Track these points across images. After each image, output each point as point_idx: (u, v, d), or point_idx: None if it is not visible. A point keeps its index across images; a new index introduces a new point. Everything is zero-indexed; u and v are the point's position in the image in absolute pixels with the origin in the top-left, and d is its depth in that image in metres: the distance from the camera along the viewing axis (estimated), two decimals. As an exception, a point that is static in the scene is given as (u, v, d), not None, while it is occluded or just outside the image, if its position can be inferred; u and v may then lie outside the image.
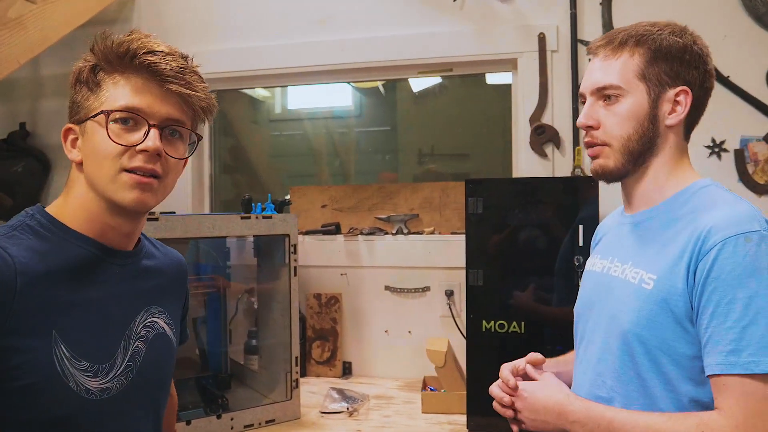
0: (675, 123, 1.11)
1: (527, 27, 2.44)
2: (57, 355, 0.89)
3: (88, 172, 0.96)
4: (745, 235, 0.97)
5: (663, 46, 1.10)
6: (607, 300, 1.15)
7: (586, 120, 1.14)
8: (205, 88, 1.00)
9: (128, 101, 0.94)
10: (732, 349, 0.95)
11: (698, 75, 1.11)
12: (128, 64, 0.94)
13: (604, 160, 1.14)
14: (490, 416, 1.97)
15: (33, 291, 0.88)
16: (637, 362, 1.06)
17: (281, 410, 2.07)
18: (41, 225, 0.95)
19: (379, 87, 3.03)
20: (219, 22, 2.73)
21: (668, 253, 1.05)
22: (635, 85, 1.10)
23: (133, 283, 1.03)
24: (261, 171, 3.24)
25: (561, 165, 2.41)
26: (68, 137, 0.98)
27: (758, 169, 2.29)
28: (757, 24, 2.28)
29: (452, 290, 2.49)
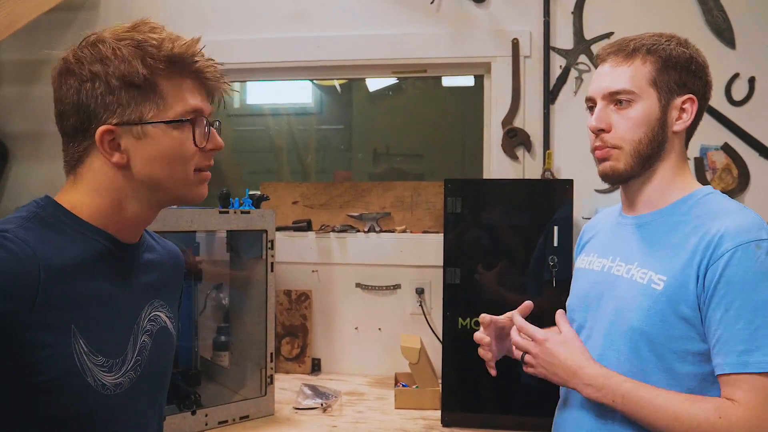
0: (681, 129, 1.17)
1: (501, 32, 2.50)
2: (76, 350, 0.88)
3: (147, 174, 0.95)
4: (756, 242, 1.03)
5: (672, 56, 1.15)
6: (610, 298, 1.19)
7: (598, 123, 1.18)
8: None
9: (195, 103, 0.96)
10: (743, 350, 1.01)
11: (701, 85, 1.17)
12: (186, 67, 0.95)
13: (615, 162, 1.18)
14: (464, 412, 2.04)
15: (54, 285, 0.86)
16: (643, 358, 1.11)
17: (255, 406, 2.06)
18: (54, 217, 0.92)
19: (335, 85, 3.04)
20: (189, 12, 2.69)
21: (678, 256, 1.10)
22: (647, 92, 1.15)
23: (139, 276, 1.02)
24: (221, 167, 3.21)
25: (531, 168, 2.48)
26: (105, 139, 0.93)
27: (716, 177, 2.41)
28: (717, 39, 2.40)
29: (423, 288, 2.53)
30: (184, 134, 0.96)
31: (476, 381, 2.06)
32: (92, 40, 0.94)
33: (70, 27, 2.72)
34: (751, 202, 2.37)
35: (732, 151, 2.39)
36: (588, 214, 2.37)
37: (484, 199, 2.09)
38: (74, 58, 0.93)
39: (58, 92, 0.94)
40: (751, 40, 2.38)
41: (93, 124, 0.92)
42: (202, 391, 2.14)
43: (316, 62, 2.64)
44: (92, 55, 0.92)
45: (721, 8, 2.38)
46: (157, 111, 0.94)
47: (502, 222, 2.06)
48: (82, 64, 0.92)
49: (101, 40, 0.93)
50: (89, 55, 0.92)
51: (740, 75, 2.38)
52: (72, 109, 0.93)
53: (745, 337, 1.01)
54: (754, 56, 2.38)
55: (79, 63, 0.92)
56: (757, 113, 2.38)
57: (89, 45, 0.93)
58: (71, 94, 0.92)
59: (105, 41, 0.93)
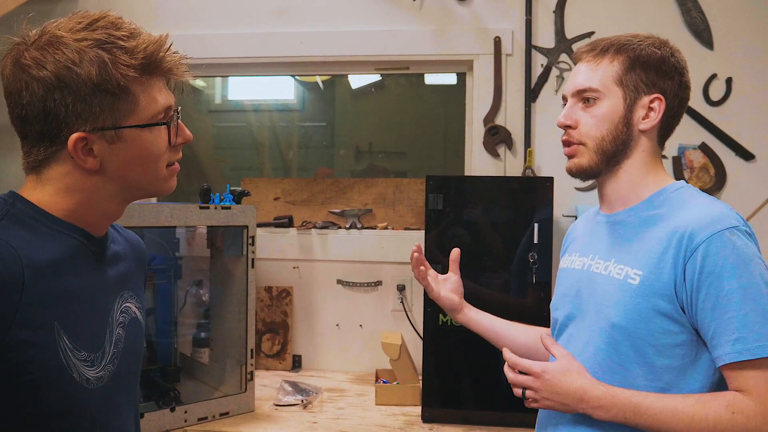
0: (648, 128, 1.18)
1: (484, 30, 2.51)
2: (61, 346, 0.87)
3: (122, 176, 0.94)
4: (729, 230, 1.05)
5: (641, 56, 1.17)
6: (591, 296, 1.21)
7: (564, 119, 1.22)
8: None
9: (165, 101, 0.95)
10: (738, 338, 1.02)
11: (673, 85, 1.18)
12: (157, 69, 0.94)
13: (579, 158, 1.21)
14: (444, 408, 2.05)
15: (37, 283, 0.85)
16: (622, 353, 1.12)
17: (235, 403, 2.05)
18: (26, 214, 0.90)
19: (318, 82, 3.04)
20: (169, 6, 2.67)
21: (652, 250, 1.11)
22: (612, 90, 1.17)
23: (107, 269, 1.01)
24: (202, 163, 3.18)
25: (512, 165, 2.49)
26: (79, 146, 0.89)
27: (693, 176, 2.44)
28: (695, 39, 2.43)
29: (404, 285, 2.53)
30: (156, 134, 0.95)
31: (457, 377, 2.07)
32: (49, 40, 0.88)
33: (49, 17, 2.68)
34: (728, 201, 2.38)
35: (709, 150, 2.42)
36: (568, 211, 2.40)
37: (465, 196, 2.09)
38: (32, 60, 0.87)
39: (15, 96, 0.89)
40: (729, 41, 2.42)
41: (63, 131, 0.89)
42: (182, 388, 2.13)
43: (298, 58, 2.63)
44: (55, 58, 0.86)
45: (700, 9, 2.42)
46: (130, 115, 0.92)
47: (483, 219, 2.07)
48: (43, 68, 0.86)
49: (60, 40, 0.87)
50: (51, 58, 0.86)
51: (718, 75, 2.42)
52: (37, 116, 0.88)
53: (737, 324, 1.02)
54: (732, 57, 2.42)
55: (40, 66, 0.86)
56: (734, 113, 2.42)
57: (47, 45, 0.88)
58: (36, 101, 0.87)
59: (65, 42, 0.87)
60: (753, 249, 1.06)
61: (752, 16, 2.41)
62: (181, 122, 0.99)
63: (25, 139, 0.92)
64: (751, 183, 2.41)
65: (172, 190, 1.03)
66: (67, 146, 0.89)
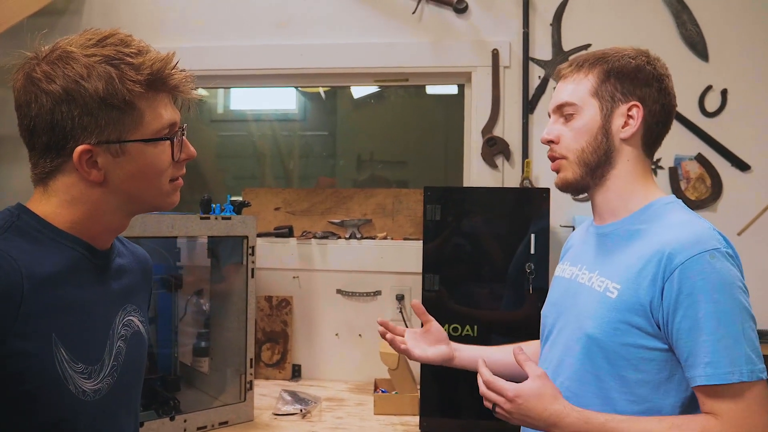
0: (628, 136, 1.19)
1: (482, 42, 2.54)
2: (58, 358, 0.88)
3: (125, 189, 0.96)
4: (709, 252, 1.05)
5: (615, 67, 1.19)
6: (573, 305, 1.22)
7: (547, 135, 1.25)
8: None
9: (170, 117, 0.98)
10: (710, 361, 1.03)
11: (651, 92, 1.19)
12: (163, 86, 0.96)
13: (564, 173, 1.23)
14: (442, 417, 2.06)
15: (36, 294, 0.86)
16: (597, 365, 1.13)
17: (234, 412, 2.07)
18: (30, 226, 0.92)
19: (320, 92, 3.07)
20: (172, 19, 2.71)
21: (633, 266, 1.12)
22: (589, 102, 1.20)
23: (111, 282, 1.03)
24: (204, 172, 3.21)
25: (510, 176, 2.51)
26: (83, 159, 0.92)
27: (690, 186, 2.46)
28: (691, 51, 2.46)
29: (403, 295, 2.55)
30: (160, 149, 0.97)
31: (455, 387, 2.08)
32: (59, 55, 0.91)
33: (53, 31, 2.70)
34: (724, 211, 2.43)
35: (705, 161, 2.44)
36: (565, 222, 2.42)
37: (463, 207, 2.12)
38: (42, 74, 0.90)
39: (25, 108, 0.91)
40: (724, 53, 2.44)
41: (69, 143, 0.91)
42: (182, 397, 2.15)
43: (299, 70, 2.66)
44: (65, 72, 0.89)
45: (695, 22, 2.44)
46: (135, 129, 0.94)
47: (480, 229, 2.09)
48: (53, 82, 0.89)
49: (70, 55, 0.90)
50: (61, 73, 0.89)
51: (713, 87, 2.44)
52: (45, 128, 0.91)
53: (710, 348, 1.03)
54: (727, 69, 2.44)
55: (50, 80, 0.89)
56: (729, 124, 2.44)
57: (58, 60, 0.90)
58: (44, 113, 0.90)
59: (75, 57, 0.90)
60: (733, 272, 1.06)
61: (746, 29, 2.44)
62: (185, 139, 1.02)
63: (32, 150, 0.95)
64: (747, 193, 2.43)
65: (174, 205, 1.04)
66: (72, 158, 0.91)
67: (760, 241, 2.41)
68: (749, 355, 1.03)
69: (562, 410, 1.10)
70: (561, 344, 1.23)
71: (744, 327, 1.04)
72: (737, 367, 1.02)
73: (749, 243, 2.39)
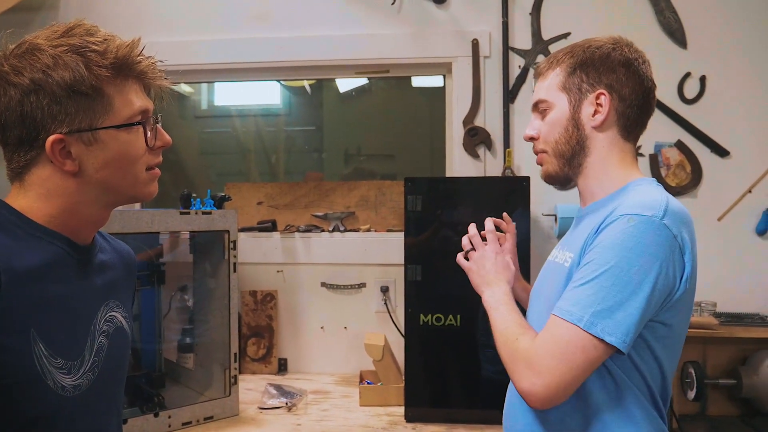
0: (598, 124, 1.21)
1: (462, 33, 2.54)
2: (36, 353, 0.88)
3: (100, 178, 0.95)
4: (630, 216, 1.08)
5: (581, 59, 1.22)
6: (547, 284, 1.27)
7: (528, 132, 1.30)
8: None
9: (141, 104, 0.97)
10: (564, 297, 1.10)
11: (618, 77, 1.20)
12: (130, 71, 0.96)
13: (546, 166, 1.28)
14: (427, 407, 2.07)
15: (14, 289, 0.86)
16: None
17: (219, 407, 2.07)
18: (8, 221, 0.92)
19: (305, 86, 3.06)
20: (151, 13, 2.68)
21: (585, 234, 1.16)
22: (558, 97, 1.24)
23: (93, 277, 1.02)
24: (188, 168, 3.19)
25: (492, 166, 2.52)
26: (56, 149, 0.92)
27: (670, 173, 2.48)
28: (669, 39, 2.47)
29: (387, 286, 2.55)
30: (133, 136, 0.97)
31: (439, 376, 2.09)
32: (27, 48, 0.91)
33: (30, 27, 2.67)
34: (704, 197, 2.45)
35: (685, 147, 2.46)
36: (547, 210, 2.43)
37: (444, 197, 2.12)
38: (10, 67, 0.90)
39: None
40: (702, 40, 2.46)
41: (41, 134, 0.91)
42: (167, 393, 2.14)
43: (279, 63, 2.65)
44: (31, 64, 0.90)
45: (673, 9, 2.46)
46: (106, 116, 0.94)
47: (462, 219, 2.08)
48: (20, 74, 0.90)
49: (37, 47, 0.91)
50: (27, 64, 0.90)
51: (692, 74, 2.46)
52: (15, 121, 0.91)
53: (571, 288, 1.09)
54: (705, 56, 2.46)
55: (17, 73, 0.90)
56: (708, 111, 2.46)
57: (25, 53, 0.91)
58: (13, 106, 0.90)
59: (41, 49, 0.90)
60: (649, 240, 1.05)
61: (724, 16, 2.45)
62: (159, 127, 1.01)
63: (6, 146, 0.94)
64: (726, 179, 2.45)
65: (153, 195, 1.04)
66: (45, 150, 0.91)
67: (740, 224, 2.43)
68: (608, 311, 1.03)
69: (505, 284, 1.31)
70: (537, 321, 1.24)
71: (622, 289, 1.04)
72: (579, 312, 1.05)
73: (729, 228, 2.42)
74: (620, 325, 1.03)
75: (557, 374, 1.05)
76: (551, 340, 1.07)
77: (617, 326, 1.03)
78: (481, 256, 1.36)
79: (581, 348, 1.04)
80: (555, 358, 1.05)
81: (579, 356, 1.04)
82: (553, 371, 1.05)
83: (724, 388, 2.26)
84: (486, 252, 1.36)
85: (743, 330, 2.22)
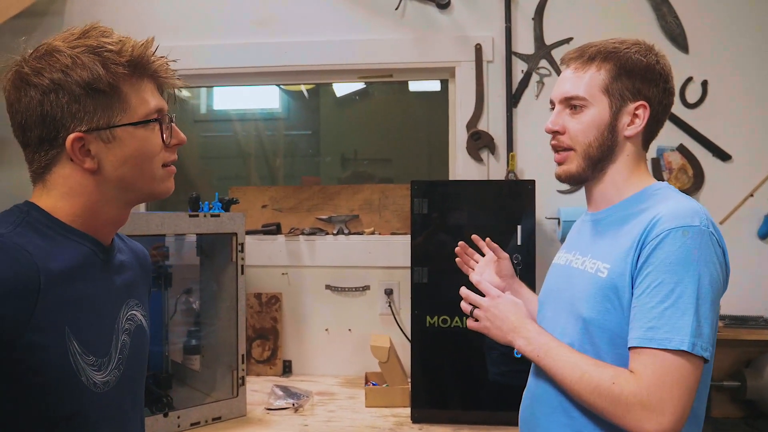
0: (632, 134, 1.22)
1: (465, 38, 2.56)
2: (71, 350, 0.90)
3: (119, 176, 0.98)
4: (683, 228, 1.08)
5: (627, 64, 1.20)
6: (567, 290, 1.26)
7: (552, 125, 1.26)
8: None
9: (156, 102, 1.00)
10: (650, 326, 1.06)
11: (658, 92, 1.21)
12: (145, 69, 0.99)
13: (568, 165, 1.25)
14: (433, 408, 2.08)
15: (52, 289, 0.89)
16: (596, 345, 1.16)
17: (227, 408, 2.08)
18: (40, 222, 0.94)
19: (303, 90, 3.08)
20: (154, 18, 2.70)
21: (621, 245, 1.16)
22: (599, 98, 1.21)
23: (114, 277, 1.05)
24: (189, 173, 3.21)
25: (495, 169, 2.54)
26: (76, 147, 0.94)
27: (672, 177, 2.50)
28: (671, 43, 2.49)
29: (392, 289, 2.57)
30: (149, 133, 0.99)
31: (444, 378, 2.11)
32: (46, 50, 0.94)
33: (35, 32, 2.71)
34: (706, 201, 2.47)
35: (687, 151, 2.49)
36: (550, 214, 2.45)
37: (449, 201, 2.14)
38: (30, 69, 0.93)
39: (16, 104, 0.95)
40: (704, 45, 2.49)
41: (60, 133, 0.94)
42: (174, 395, 2.15)
43: (282, 67, 2.67)
44: (50, 65, 0.93)
45: (675, 14, 2.48)
46: (123, 114, 0.96)
47: (468, 222, 2.11)
48: (40, 75, 0.93)
49: (55, 49, 0.94)
50: (47, 65, 0.93)
51: (693, 78, 2.48)
52: (36, 121, 0.94)
53: (655, 314, 1.07)
54: (707, 60, 2.48)
55: (37, 74, 0.93)
56: (710, 115, 2.48)
57: (44, 55, 0.94)
58: (33, 106, 0.93)
59: (60, 50, 0.94)
60: (704, 251, 1.08)
61: (726, 20, 2.48)
62: (174, 125, 1.04)
63: (27, 147, 0.97)
64: (728, 183, 2.48)
65: (170, 192, 1.06)
66: (65, 148, 0.94)
67: (742, 229, 2.46)
68: (697, 329, 1.05)
69: (528, 322, 1.24)
70: (558, 329, 1.25)
71: (700, 304, 1.05)
72: (678, 336, 1.04)
73: (731, 232, 2.44)
74: (708, 339, 1.06)
75: (680, 406, 1.03)
76: (661, 373, 1.04)
77: (707, 340, 1.05)
78: (487, 309, 1.28)
79: (691, 372, 1.05)
80: (673, 390, 1.03)
81: (692, 380, 1.05)
82: (676, 404, 1.03)
83: (729, 390, 2.28)
84: (490, 304, 1.29)
85: (747, 332, 2.25)
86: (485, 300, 1.29)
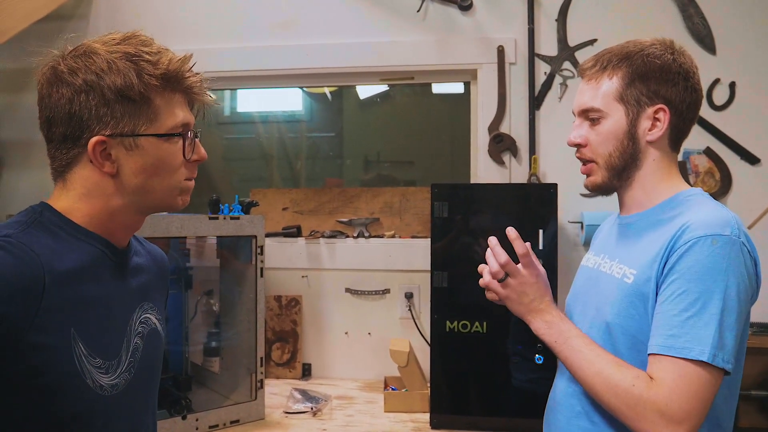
0: (655, 139, 1.19)
1: (487, 39, 2.54)
2: (76, 352, 0.90)
3: (137, 183, 0.98)
4: (713, 237, 1.05)
5: (641, 68, 1.17)
6: (594, 293, 1.25)
7: (573, 139, 1.25)
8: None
9: (184, 116, 1.01)
10: (672, 334, 1.04)
11: (678, 91, 1.18)
12: (178, 84, 0.99)
13: (594, 177, 1.25)
14: (453, 414, 2.06)
15: (57, 289, 0.89)
16: (619, 351, 1.14)
17: (246, 411, 2.08)
18: (52, 223, 0.95)
19: (326, 92, 3.07)
20: (178, 21, 2.72)
21: (649, 251, 1.13)
22: (614, 107, 1.19)
23: (128, 280, 1.05)
24: (211, 175, 3.23)
25: (517, 173, 2.51)
26: (97, 150, 0.95)
27: (699, 180, 2.45)
28: (698, 45, 2.44)
29: (412, 293, 2.55)
30: (172, 146, 1.00)
31: (464, 383, 2.08)
32: (84, 51, 0.96)
33: (60, 36, 2.74)
34: (734, 205, 2.41)
35: (714, 154, 2.43)
36: (573, 217, 2.41)
37: (470, 204, 2.12)
38: (66, 67, 0.95)
39: (46, 99, 0.96)
40: (731, 46, 2.43)
41: (84, 133, 0.95)
42: (193, 397, 2.16)
43: (305, 70, 2.67)
44: (86, 66, 0.94)
45: (702, 15, 2.43)
46: (149, 124, 0.97)
47: (489, 226, 2.09)
48: (75, 74, 0.94)
49: (94, 51, 0.95)
50: (83, 65, 0.94)
51: (721, 80, 2.43)
52: (63, 118, 0.95)
53: (677, 322, 1.04)
54: (734, 62, 2.43)
55: (72, 73, 0.94)
56: (737, 118, 2.43)
57: (82, 55, 0.95)
58: (63, 103, 0.94)
59: (98, 53, 0.95)
60: (733, 261, 1.05)
61: (753, 21, 2.42)
62: (198, 141, 1.04)
63: (50, 142, 0.99)
64: (756, 187, 2.42)
65: (183, 207, 1.06)
66: (87, 150, 0.95)
67: (770, 234, 2.40)
68: (720, 340, 1.02)
69: (554, 308, 1.22)
70: (583, 330, 1.23)
71: (725, 315, 1.03)
72: (699, 346, 1.02)
73: (760, 236, 2.38)
74: (731, 350, 1.04)
75: (695, 416, 1.03)
76: (680, 382, 1.03)
77: (729, 352, 1.03)
78: (523, 281, 1.23)
79: (711, 382, 1.03)
80: (690, 400, 1.02)
81: (710, 391, 1.03)
82: (692, 414, 1.03)
83: (757, 399, 2.22)
84: (528, 276, 1.24)
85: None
86: (524, 271, 1.24)
